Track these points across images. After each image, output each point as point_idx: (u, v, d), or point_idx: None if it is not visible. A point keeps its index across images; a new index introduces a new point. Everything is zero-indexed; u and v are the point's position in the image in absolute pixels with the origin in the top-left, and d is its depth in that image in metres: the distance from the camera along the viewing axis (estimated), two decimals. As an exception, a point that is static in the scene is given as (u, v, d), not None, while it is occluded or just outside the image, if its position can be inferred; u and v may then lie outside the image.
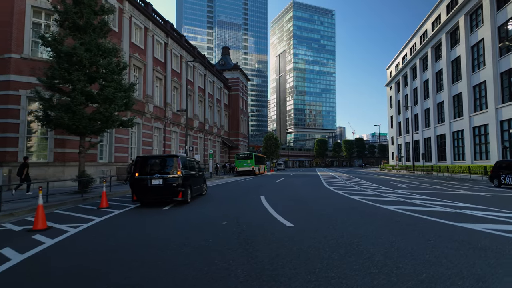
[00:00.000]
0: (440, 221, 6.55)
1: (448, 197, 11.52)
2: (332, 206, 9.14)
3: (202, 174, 12.95)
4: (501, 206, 8.99)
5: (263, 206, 9.13)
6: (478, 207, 8.75)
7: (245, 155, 35.93)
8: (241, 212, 8.30)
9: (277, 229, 6.07)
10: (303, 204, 9.63)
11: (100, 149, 23.55)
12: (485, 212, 7.80)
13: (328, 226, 6.20)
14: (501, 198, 11.20)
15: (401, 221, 6.66)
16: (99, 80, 13.97)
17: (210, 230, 6.06)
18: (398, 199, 10.64)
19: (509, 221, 6.58)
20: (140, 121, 27.79)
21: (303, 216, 7.40)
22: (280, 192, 13.80)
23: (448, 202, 9.88)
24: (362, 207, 8.80)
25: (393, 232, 5.63)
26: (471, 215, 7.36)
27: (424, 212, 7.71)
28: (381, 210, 8.16)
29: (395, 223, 6.41)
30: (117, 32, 25.01)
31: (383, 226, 6.20)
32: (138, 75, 28.20)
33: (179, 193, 9.60)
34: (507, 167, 17.15)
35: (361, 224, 6.34)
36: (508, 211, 7.94)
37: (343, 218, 7.06)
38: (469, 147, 33.84)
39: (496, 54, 29.63)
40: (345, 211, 8.10)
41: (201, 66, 42.14)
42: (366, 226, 6.15)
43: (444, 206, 8.76)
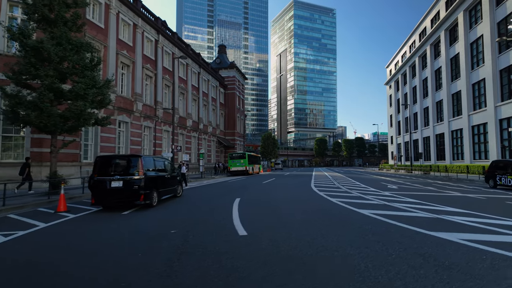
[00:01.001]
0: (414, 229, 5.80)
1: (435, 199, 10.76)
2: (305, 210, 8.40)
3: (177, 175, 12.24)
4: (489, 210, 8.23)
5: (230, 210, 8.40)
6: (464, 211, 7.99)
7: (238, 155, 35.22)
8: (201, 218, 7.60)
9: (226, 239, 5.36)
10: (274, 208, 8.89)
11: (84, 149, 22.92)
12: (469, 218, 7.04)
13: (287, 236, 5.48)
14: (493, 201, 10.42)
15: (370, 229, 5.92)
16: (70, 76, 13.27)
17: (149, 241, 5.35)
18: (380, 202, 9.88)
19: (491, 229, 5.82)
20: (128, 120, 27.14)
21: (267, 222, 6.67)
22: (259, 194, 13.06)
23: (433, 205, 9.12)
24: (336, 212, 8.07)
25: (354, 243, 4.90)
26: (452, 221, 6.61)
27: (400, 218, 6.96)
28: (355, 216, 7.42)
29: (362, 232, 5.67)
30: (103, 28, 24.37)
31: (347, 235, 5.47)
32: (126, 72, 27.56)
33: (141, 196, 8.88)
34: (504, 167, 16.33)
35: (324, 234, 5.61)
36: (494, 217, 7.18)
37: (308, 226, 6.32)
38: (468, 147, 33.00)
39: (496, 51, 28.80)
40: (315, 217, 7.37)
41: (195, 64, 41.44)
42: (328, 236, 5.42)
43: (426, 211, 8.00)
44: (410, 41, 51.98)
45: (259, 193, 13.59)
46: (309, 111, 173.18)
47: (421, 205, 9.14)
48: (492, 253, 4.27)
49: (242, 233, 5.71)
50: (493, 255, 4.18)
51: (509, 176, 15.59)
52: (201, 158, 28.94)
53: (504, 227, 6.03)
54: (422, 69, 46.08)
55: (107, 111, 24.53)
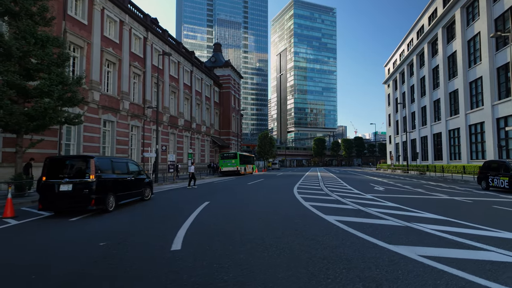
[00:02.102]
0: (373, 242, 5.06)
1: (417, 204, 10.00)
2: (267, 218, 7.63)
3: (144, 178, 11.51)
4: (470, 217, 7.48)
5: (186, 218, 7.58)
6: (441, 218, 7.24)
7: (229, 155, 34.47)
8: (147, 227, 6.90)
9: (152, 255, 4.65)
10: (236, 215, 8.12)
11: (66, 149, 22.25)
12: (443, 226, 6.29)
13: (228, 251, 4.73)
14: (479, 206, 9.66)
15: (323, 241, 5.17)
16: (35, 73, 12.57)
17: (62, 260, 4.62)
18: (355, 207, 9.13)
19: (461, 242, 5.07)
20: (114, 119, 26.46)
21: (214, 235, 5.87)
22: (233, 198, 12.26)
23: (411, 211, 8.37)
24: (301, 219, 7.32)
25: (294, 262, 4.15)
26: (421, 231, 5.86)
27: (366, 227, 6.21)
28: (317, 224, 6.67)
29: (312, 245, 4.93)
30: (87, 25, 23.68)
31: (293, 249, 4.73)
32: (112, 70, 26.88)
33: (92, 200, 8.15)
34: (497, 168, 15.54)
35: (265, 248, 4.86)
36: (472, 225, 6.43)
37: (259, 239, 5.55)
38: (465, 146, 32.23)
39: (493, 48, 28.03)
40: (275, 226, 6.62)
41: (187, 63, 40.72)
42: (269, 251, 4.67)
43: (399, 218, 7.25)
44: (408, 39, 51.17)
45: (234, 196, 12.85)
46: (309, 111, 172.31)
47: (397, 211, 8.38)
48: (450, 277, 3.52)
49: (176, 247, 4.97)
50: (450, 280, 3.44)
51: (501, 177, 14.81)
52: (189, 158, 28.18)
53: (477, 238, 5.28)
54: (420, 68, 45.29)
55: (91, 109, 23.89)
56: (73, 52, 22.91)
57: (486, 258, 4.15)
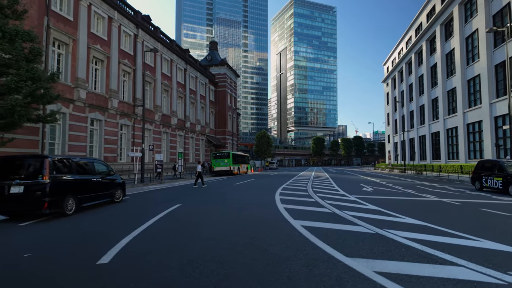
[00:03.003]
0: (330, 253, 4.43)
1: (401, 206, 9.37)
2: (232, 222, 7.02)
3: (114, 178, 10.89)
4: (452, 222, 6.86)
5: (141, 225, 6.97)
6: (419, 224, 6.60)
7: (221, 154, 33.82)
8: (93, 233, 6.28)
9: (77, 269, 4.04)
10: (198, 219, 7.50)
11: (50, 148, 21.69)
12: (417, 233, 5.65)
13: (157, 269, 4.11)
14: (466, 209, 9.01)
15: (274, 253, 4.55)
16: (2, 68, 11.97)
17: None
18: (331, 210, 8.49)
19: (430, 253, 4.42)
20: (102, 118, 25.89)
21: (155, 247, 5.24)
22: (206, 200, 11.59)
23: (390, 215, 7.73)
24: (265, 224, 6.70)
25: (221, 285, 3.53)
26: (390, 239, 5.22)
27: (330, 234, 5.59)
28: (280, 230, 6.05)
29: (260, 258, 4.31)
30: (72, 21, 23.08)
31: (232, 266, 4.10)
32: (100, 67, 26.29)
33: (44, 203, 7.53)
34: (491, 167, 14.87)
35: (205, 266, 4.22)
36: (450, 232, 5.80)
37: (201, 251, 4.93)
38: (463, 145, 31.55)
39: (491, 45, 27.35)
40: (230, 233, 5.99)
41: (181, 60, 40.10)
42: (205, 270, 4.03)
43: (374, 223, 6.61)
44: (406, 37, 50.46)
45: (209, 198, 12.23)
46: (309, 110, 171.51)
47: (375, 215, 7.74)
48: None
49: (104, 260, 4.35)
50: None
51: (495, 177, 14.14)
52: (180, 157, 27.57)
53: (450, 249, 4.64)
54: (418, 66, 44.59)
55: (77, 108, 23.31)
56: (58, 49, 22.35)
57: (452, 276, 3.52)
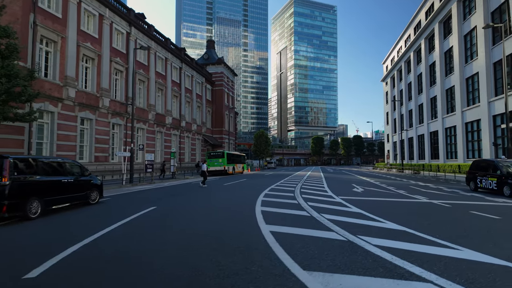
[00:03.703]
0: (286, 265, 3.95)
1: (385, 209, 8.91)
2: (196, 227, 6.57)
3: (89, 179, 10.43)
4: (436, 226, 6.39)
5: (97, 229, 6.49)
6: (399, 229, 6.13)
7: (216, 154, 33.35)
8: (47, 238, 5.85)
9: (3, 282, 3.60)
10: (164, 225, 7.03)
11: (38, 147, 21.31)
12: (393, 241, 5.18)
13: (88, 284, 3.66)
14: (455, 211, 8.53)
15: (223, 265, 4.08)
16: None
17: None
18: (310, 213, 8.01)
19: (398, 265, 3.94)
20: (92, 117, 25.49)
21: (97, 260, 4.77)
22: (185, 201, 11.07)
23: (370, 219, 7.26)
24: (233, 230, 6.24)
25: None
26: (359, 248, 4.74)
27: (297, 241, 5.12)
28: (246, 237, 5.58)
29: (205, 274, 3.85)
30: (61, 18, 22.68)
31: (167, 283, 3.65)
32: (90, 66, 25.90)
33: (3, 207, 7.09)
34: (485, 167, 14.36)
35: (141, 280, 3.78)
36: (430, 239, 5.33)
37: (142, 265, 4.46)
38: (461, 145, 31.03)
39: (489, 43, 26.81)
40: (184, 243, 5.52)
41: (176, 59, 39.65)
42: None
43: (349, 228, 6.14)
44: (405, 35, 49.88)
45: (188, 200, 11.77)
46: (309, 109, 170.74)
47: (355, 218, 7.27)
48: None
49: (33, 274, 3.88)
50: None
51: (490, 178, 13.63)
52: (172, 157, 27.12)
53: (423, 260, 4.17)
54: (417, 64, 44.03)
55: (66, 106, 22.91)
56: (45, 47, 21.96)
57: (415, 296, 3.05)
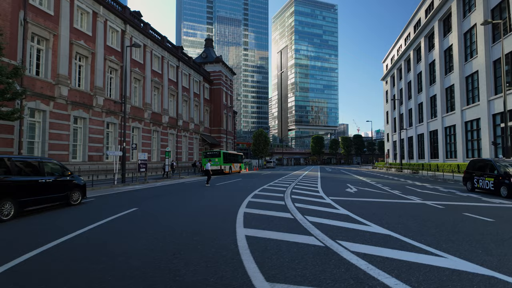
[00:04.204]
0: (249, 276, 3.61)
1: (374, 210, 8.54)
2: (167, 232, 6.23)
3: (70, 180, 10.09)
4: (422, 231, 6.03)
5: (66, 233, 6.18)
6: (383, 233, 5.77)
7: (212, 153, 33.01)
8: (9, 241, 5.50)
9: None
10: (132, 230, 6.69)
11: (29, 147, 21.00)
12: (373, 247, 4.82)
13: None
14: (447, 213, 8.17)
15: (183, 275, 3.73)
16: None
17: None
18: (294, 216, 7.65)
19: (372, 276, 3.59)
20: (86, 116, 25.17)
21: (56, 264, 4.46)
22: (168, 203, 10.68)
23: (355, 222, 6.89)
24: (206, 234, 5.89)
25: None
26: (334, 255, 4.39)
27: (271, 247, 4.78)
28: (216, 242, 5.22)
29: (158, 286, 3.50)
30: (53, 16, 22.36)
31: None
32: (84, 64, 25.56)
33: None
34: (482, 167, 13.97)
35: None
36: (414, 244, 4.97)
37: (104, 269, 4.12)
38: (461, 144, 30.61)
39: (489, 41, 26.39)
40: (157, 246, 5.20)
41: (172, 57, 39.29)
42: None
43: (329, 233, 5.77)
44: (405, 34, 49.40)
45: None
46: (310, 109, 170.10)
47: (340, 221, 6.91)
48: None
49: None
50: None
51: (486, 178, 13.24)
52: (167, 156, 26.78)
53: (400, 268, 3.81)
54: (417, 63, 43.60)
55: (58, 105, 22.59)
56: (37, 44, 21.63)
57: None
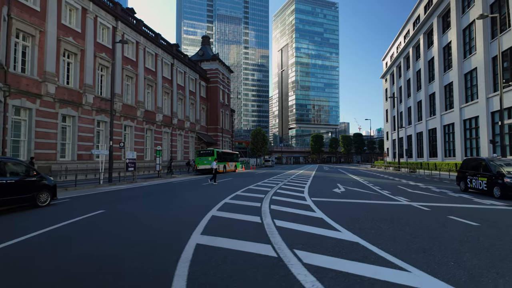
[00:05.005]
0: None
1: (352, 213, 8.00)
2: (116, 242, 5.72)
3: (38, 180, 9.59)
4: (397, 238, 5.50)
5: (23, 234, 5.71)
6: (351, 241, 5.24)
7: (205, 152, 32.45)
8: None
9: None
10: (79, 238, 6.20)
11: (14, 145, 20.53)
12: (332, 258, 4.28)
13: None
14: (431, 217, 7.62)
15: None
16: None
17: None
18: (264, 219, 7.13)
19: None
20: (75, 114, 24.72)
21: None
22: (139, 206, 10.11)
23: (325, 227, 6.35)
24: (153, 243, 5.38)
25: None
26: (283, 268, 3.86)
27: (217, 258, 4.28)
28: (156, 255, 4.70)
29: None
30: (39, 11, 21.86)
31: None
32: (73, 61, 25.09)
33: None
34: (476, 166, 13.37)
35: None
36: (380, 255, 4.45)
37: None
38: (459, 143, 29.99)
39: (488, 37, 25.75)
40: (93, 254, 4.69)
41: (167, 55, 38.77)
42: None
43: (291, 240, 5.23)
44: (404, 31, 48.68)
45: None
46: (311, 107, 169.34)
47: (309, 226, 6.36)
48: None
49: None
50: None
51: (480, 177, 12.65)
52: (158, 155, 26.27)
53: (354, 285, 3.28)
54: (416, 60, 42.92)
55: (45, 103, 22.12)
56: (22, 41, 21.15)
57: None
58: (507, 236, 5.65)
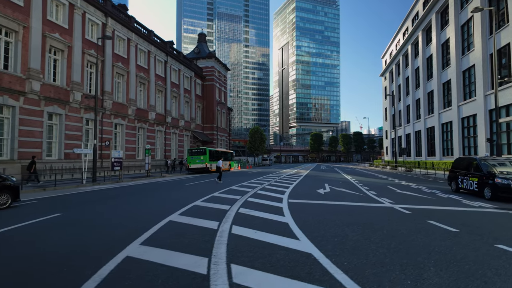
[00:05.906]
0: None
1: (323, 217, 7.40)
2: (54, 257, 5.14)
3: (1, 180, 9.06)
4: (356, 248, 4.91)
5: None
6: (305, 252, 4.66)
7: (197, 151, 31.83)
8: None
9: None
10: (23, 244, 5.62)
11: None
12: (271, 276, 3.69)
13: None
14: (411, 221, 7.02)
15: None
16: None
17: None
18: (223, 225, 6.56)
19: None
20: (62, 112, 24.19)
21: None
22: (105, 208, 9.72)
23: (285, 235, 5.77)
24: (83, 253, 4.81)
25: None
26: None
27: (137, 275, 3.69)
28: (70, 271, 4.13)
29: None
30: (23, 6, 21.31)
31: None
32: (60, 58, 24.55)
33: None
34: (467, 166, 12.72)
35: None
36: (329, 272, 3.86)
37: None
38: (457, 141, 29.31)
39: (486, 33, 25.04)
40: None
41: (160, 52, 38.16)
42: None
43: (236, 252, 4.67)
44: (403, 28, 47.87)
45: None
46: (311, 106, 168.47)
47: (268, 233, 5.75)
48: None
49: None
50: None
51: (471, 177, 12.00)
52: (147, 154, 25.73)
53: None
54: (415, 58, 42.17)
55: (29, 100, 21.59)
56: (5, 37, 20.62)
57: None
58: (484, 245, 5.03)
